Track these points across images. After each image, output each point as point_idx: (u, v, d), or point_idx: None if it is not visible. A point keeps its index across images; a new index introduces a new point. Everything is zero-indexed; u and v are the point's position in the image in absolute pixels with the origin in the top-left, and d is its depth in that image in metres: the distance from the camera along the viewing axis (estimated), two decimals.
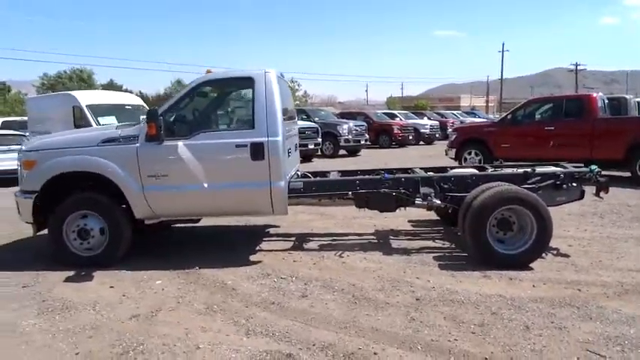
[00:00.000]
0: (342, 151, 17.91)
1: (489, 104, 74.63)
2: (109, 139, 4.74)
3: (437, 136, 24.37)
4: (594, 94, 9.97)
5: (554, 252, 4.93)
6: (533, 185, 4.90)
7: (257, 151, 4.59)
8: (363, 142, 18.33)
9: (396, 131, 21.55)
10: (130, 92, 29.47)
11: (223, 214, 5.20)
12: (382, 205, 5.09)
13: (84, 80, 48.33)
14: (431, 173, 5.45)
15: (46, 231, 4.96)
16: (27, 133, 13.33)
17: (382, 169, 5.54)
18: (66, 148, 4.77)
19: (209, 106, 5.38)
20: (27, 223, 4.99)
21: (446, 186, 5.03)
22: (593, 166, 4.98)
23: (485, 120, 25.15)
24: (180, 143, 4.65)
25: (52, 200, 4.87)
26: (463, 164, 10.61)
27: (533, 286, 4.04)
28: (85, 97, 12.26)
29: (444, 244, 5.39)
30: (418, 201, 5.02)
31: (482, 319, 3.42)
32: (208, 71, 5.00)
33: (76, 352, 3.10)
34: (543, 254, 4.69)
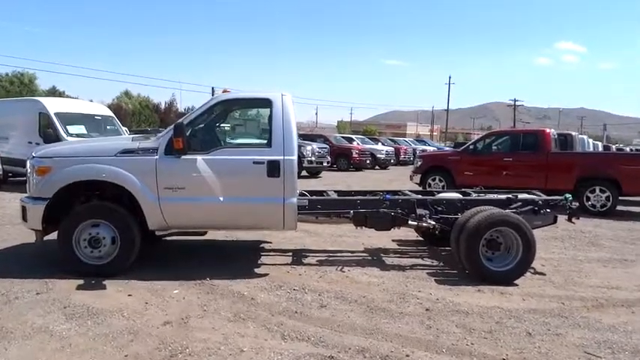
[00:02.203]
0: (303, 172, 18.27)
1: (433, 133, 78.19)
2: (128, 150, 4.86)
3: (392, 161, 25.41)
4: (547, 130, 11.00)
5: (532, 271, 5.49)
6: (515, 210, 5.48)
7: (273, 169, 4.86)
8: (325, 164, 18.82)
9: (354, 155, 22.28)
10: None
11: (235, 227, 5.40)
12: (380, 224, 5.46)
13: (25, 84, 46.04)
14: (420, 196, 5.94)
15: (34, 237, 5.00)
16: None
17: (380, 191, 5.97)
18: (83, 157, 4.83)
19: (227, 123, 5.60)
20: (33, 229, 4.97)
21: (439, 208, 5.52)
22: (568, 195, 5.65)
23: (442, 149, 26.58)
24: (199, 158, 4.84)
25: (58, 208, 4.90)
26: (427, 189, 11.27)
27: (523, 299, 4.55)
28: (53, 105, 11.97)
29: (432, 262, 5.85)
30: (411, 221, 5.47)
31: (490, 327, 3.86)
32: (225, 91, 5.25)
33: (125, 354, 3.23)
34: None
